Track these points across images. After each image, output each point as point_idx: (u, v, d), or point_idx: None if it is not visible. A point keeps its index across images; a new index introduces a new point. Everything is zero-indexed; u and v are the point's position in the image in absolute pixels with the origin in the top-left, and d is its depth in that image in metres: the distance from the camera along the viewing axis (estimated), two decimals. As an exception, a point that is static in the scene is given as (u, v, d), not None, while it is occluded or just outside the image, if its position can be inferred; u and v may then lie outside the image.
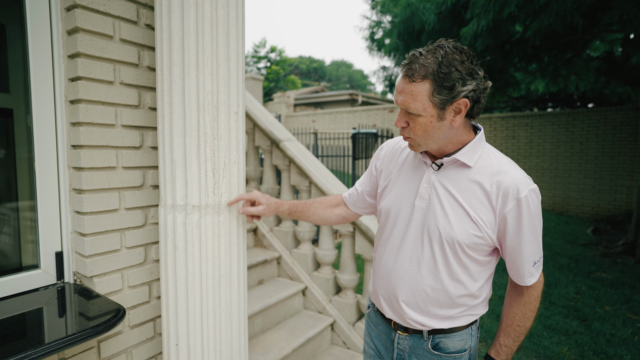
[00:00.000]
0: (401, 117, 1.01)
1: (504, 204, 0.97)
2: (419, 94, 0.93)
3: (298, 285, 2.85)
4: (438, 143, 1.01)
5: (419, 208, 1.07)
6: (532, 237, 1.00)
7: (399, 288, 1.12)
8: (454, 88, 0.91)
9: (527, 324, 1.08)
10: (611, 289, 4.10)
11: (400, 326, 1.16)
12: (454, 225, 1.01)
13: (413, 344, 1.14)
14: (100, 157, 1.26)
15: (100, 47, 1.24)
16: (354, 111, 12.56)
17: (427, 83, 0.92)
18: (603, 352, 2.93)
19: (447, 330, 1.10)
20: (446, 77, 0.90)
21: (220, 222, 1.22)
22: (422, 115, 0.95)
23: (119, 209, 1.32)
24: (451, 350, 1.10)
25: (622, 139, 7.62)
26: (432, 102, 0.93)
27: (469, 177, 1.01)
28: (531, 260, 1.03)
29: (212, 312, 1.23)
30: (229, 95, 1.21)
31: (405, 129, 1.02)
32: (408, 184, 1.12)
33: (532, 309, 1.08)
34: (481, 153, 1.02)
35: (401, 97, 0.97)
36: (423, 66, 0.92)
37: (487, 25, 3.61)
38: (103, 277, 1.29)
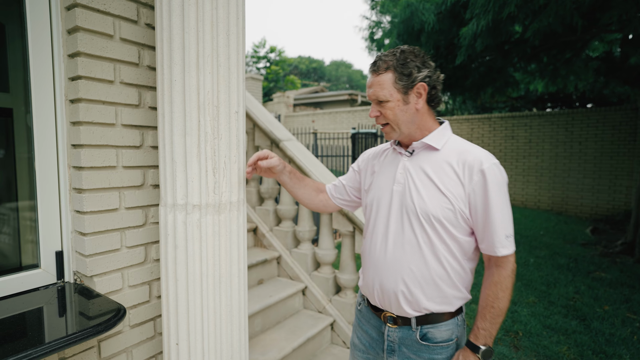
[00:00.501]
0: (374, 108, 1.20)
1: (471, 177, 1.10)
2: (385, 82, 1.14)
3: (298, 284, 2.85)
4: (408, 127, 1.18)
5: (396, 192, 1.21)
6: (500, 206, 1.08)
7: (387, 273, 1.19)
8: (411, 74, 1.12)
9: (500, 304, 1.11)
10: (610, 289, 4.10)
11: (390, 318, 1.23)
12: (427, 200, 1.13)
13: (402, 336, 1.20)
14: (101, 156, 1.26)
15: (101, 47, 1.24)
16: (353, 111, 12.57)
17: (389, 73, 1.14)
18: (602, 351, 2.93)
19: (435, 318, 1.17)
20: (404, 66, 1.12)
21: (220, 221, 1.22)
22: (390, 101, 1.15)
23: (119, 208, 1.32)
24: (438, 340, 1.17)
25: (621, 139, 7.64)
26: (396, 88, 1.14)
27: (438, 158, 1.16)
28: (502, 231, 1.09)
29: (212, 312, 1.23)
30: (229, 95, 1.21)
31: (379, 117, 1.20)
32: (387, 175, 1.27)
33: (504, 289, 1.11)
34: (447, 139, 1.18)
35: (371, 90, 1.17)
36: (385, 62, 1.15)
37: (486, 26, 3.62)
38: (103, 277, 1.29)
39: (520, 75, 7.22)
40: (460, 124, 9.90)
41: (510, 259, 1.12)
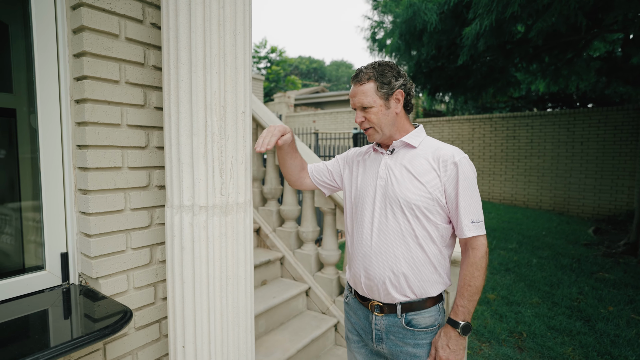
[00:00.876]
0: (358, 114, 1.33)
1: (445, 169, 1.25)
2: (368, 90, 1.29)
3: (302, 285, 2.84)
4: (389, 129, 1.32)
5: (379, 186, 1.33)
6: (468, 193, 1.22)
7: (374, 261, 1.30)
8: (390, 83, 1.28)
9: (476, 283, 1.22)
10: (614, 290, 4.09)
11: (376, 307, 1.33)
12: (407, 189, 1.26)
13: (389, 323, 1.31)
14: (106, 157, 1.25)
15: (106, 46, 1.23)
16: (354, 111, 12.55)
17: (371, 82, 1.29)
18: (607, 352, 2.92)
19: (418, 305, 1.28)
20: (383, 76, 1.28)
21: (227, 222, 1.21)
22: (373, 107, 1.29)
23: (124, 209, 1.31)
24: (422, 326, 1.28)
25: (623, 139, 7.62)
26: (378, 95, 1.29)
27: (416, 154, 1.31)
28: (469, 216, 1.23)
29: (219, 314, 1.22)
30: (236, 95, 1.20)
31: (364, 122, 1.33)
32: (370, 172, 1.39)
33: (479, 268, 1.23)
34: (422, 138, 1.35)
35: (356, 98, 1.31)
36: (366, 73, 1.30)
37: (489, 25, 3.60)
38: (109, 279, 1.28)
39: (522, 75, 7.21)
40: (461, 124, 9.89)
41: (482, 240, 1.24)
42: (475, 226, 1.23)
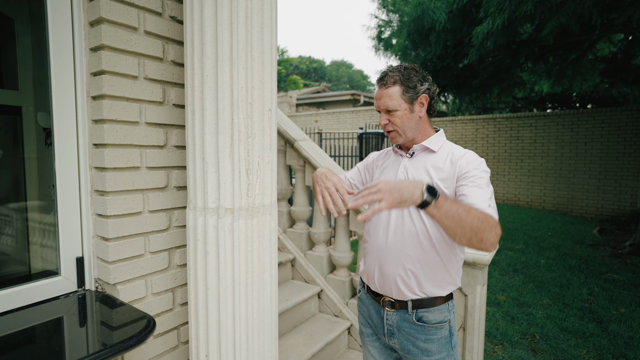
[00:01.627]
0: (383, 117, 1.33)
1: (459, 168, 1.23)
2: (394, 94, 1.29)
3: (314, 288, 2.78)
4: (412, 132, 1.33)
5: None
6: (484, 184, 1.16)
7: (388, 259, 1.31)
8: (416, 87, 1.29)
9: (469, 219, 1.01)
10: (624, 290, 4.05)
11: (388, 303, 1.34)
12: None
13: (400, 318, 1.32)
14: (124, 156, 1.19)
15: (125, 40, 1.17)
16: (357, 111, 12.50)
17: (397, 86, 1.29)
18: (622, 355, 2.87)
19: (429, 303, 1.28)
20: (409, 80, 1.29)
21: (253, 225, 1.15)
22: (398, 110, 1.29)
23: (142, 211, 1.25)
24: (433, 322, 1.29)
25: (627, 140, 7.58)
26: (403, 99, 1.29)
27: (435, 159, 1.31)
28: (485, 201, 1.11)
29: (244, 321, 1.16)
30: (262, 91, 1.14)
31: (388, 125, 1.33)
32: (390, 174, 1.40)
33: (483, 219, 1.03)
34: (442, 143, 1.35)
35: (381, 101, 1.31)
36: (392, 77, 1.30)
37: (502, 24, 3.55)
38: (127, 284, 1.22)
39: (527, 76, 7.17)
40: (465, 124, 9.85)
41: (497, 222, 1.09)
42: (492, 210, 1.11)
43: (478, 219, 1.02)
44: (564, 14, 3.23)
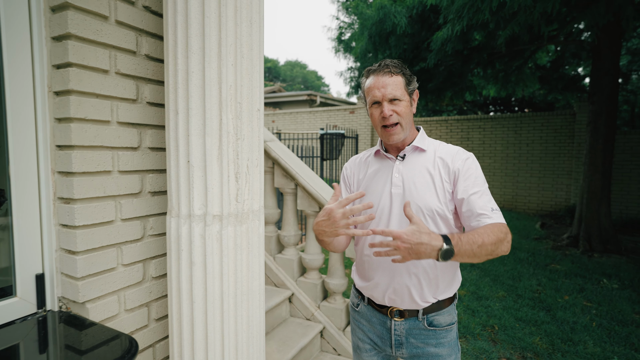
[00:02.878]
0: (387, 107, 1.21)
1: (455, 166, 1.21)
2: (399, 83, 1.22)
3: (284, 292, 2.72)
4: (409, 128, 1.26)
5: (396, 195, 1.24)
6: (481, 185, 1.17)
7: (399, 271, 1.23)
8: (412, 82, 1.26)
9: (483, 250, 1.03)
10: (566, 280, 4.42)
11: (396, 313, 1.26)
12: (427, 196, 1.20)
13: (409, 327, 1.26)
14: (95, 159, 1.07)
15: (94, 29, 1.05)
16: (314, 112, 12.53)
17: (400, 76, 1.23)
18: (569, 339, 3.13)
19: (439, 306, 1.25)
20: (407, 73, 1.25)
21: (242, 233, 1.08)
22: (403, 100, 1.22)
23: (115, 220, 1.13)
24: (443, 325, 1.26)
25: (562, 141, 8.32)
26: (405, 90, 1.23)
27: (428, 157, 1.26)
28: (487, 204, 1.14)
29: (233, 335, 1.09)
30: (251, 90, 1.08)
31: (392, 116, 1.21)
32: (380, 180, 1.30)
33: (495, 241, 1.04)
34: (428, 141, 1.30)
35: (387, 89, 1.21)
36: (394, 66, 1.24)
37: (460, 31, 3.74)
38: (97, 302, 1.10)
39: (477, 80, 7.60)
40: (418, 126, 10.24)
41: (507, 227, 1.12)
42: (497, 214, 1.13)
43: (491, 244, 1.03)
44: (516, 24, 3.49)
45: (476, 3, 3.38)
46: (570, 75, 9.06)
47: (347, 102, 17.09)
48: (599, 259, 5.22)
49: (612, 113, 5.40)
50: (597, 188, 5.58)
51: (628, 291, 4.10)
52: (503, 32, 3.71)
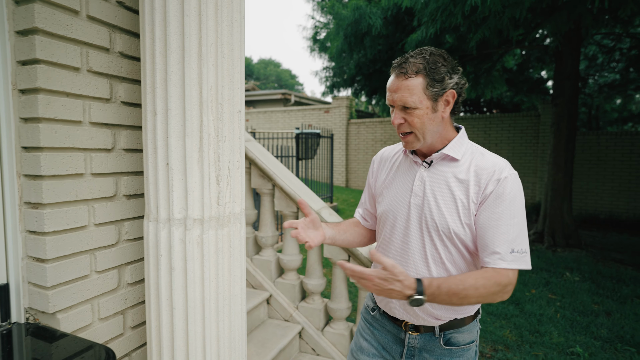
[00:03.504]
0: (398, 115, 1.06)
1: (487, 185, 1.03)
2: (415, 87, 1.02)
3: (262, 293, 2.69)
4: (432, 136, 1.08)
5: (414, 205, 1.11)
6: (510, 217, 1.00)
7: None
8: (443, 80, 1.03)
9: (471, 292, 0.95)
10: (533, 274, 4.63)
11: (411, 327, 1.16)
12: (447, 214, 1.05)
13: (424, 342, 1.15)
14: (66, 161, 1.01)
15: (64, 24, 0.99)
16: (289, 111, 12.47)
17: (420, 77, 1.02)
18: (536, 330, 3.28)
19: (458, 323, 1.13)
20: (435, 71, 1.02)
21: (223, 236, 1.06)
22: (419, 108, 1.03)
23: (88, 225, 1.08)
24: (461, 343, 1.14)
25: (528, 141, 8.72)
26: (426, 94, 1.02)
27: (458, 169, 1.08)
28: (507, 243, 0.98)
29: (215, 341, 1.06)
30: (232, 91, 1.06)
31: (403, 125, 1.07)
32: (402, 185, 1.17)
33: (491, 285, 0.96)
34: (465, 147, 1.11)
35: (398, 94, 1.04)
36: (414, 64, 1.02)
37: (434, 34, 3.84)
38: (69, 312, 1.04)
39: (448, 81, 7.80)
40: (392, 126, 10.42)
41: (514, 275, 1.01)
42: (516, 258, 0.99)
43: (478, 297, 0.96)
44: (486, 28, 3.63)
45: (449, 7, 3.50)
46: (535, 78, 9.50)
47: (321, 102, 17.13)
48: (562, 253, 5.51)
49: (573, 115, 5.71)
50: (559, 186, 5.87)
51: (588, 283, 4.35)
52: (474, 36, 3.85)
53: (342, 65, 6.29)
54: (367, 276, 0.94)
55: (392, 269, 0.93)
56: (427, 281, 0.97)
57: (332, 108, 11.43)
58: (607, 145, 7.84)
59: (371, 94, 7.36)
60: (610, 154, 7.81)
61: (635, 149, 7.60)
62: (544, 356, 2.85)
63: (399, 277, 0.93)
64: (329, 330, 2.59)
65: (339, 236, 1.28)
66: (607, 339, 3.14)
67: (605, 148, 7.85)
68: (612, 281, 4.41)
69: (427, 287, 0.95)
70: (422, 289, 0.95)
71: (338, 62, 6.22)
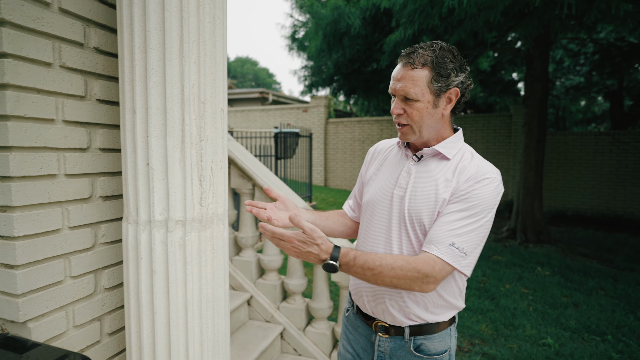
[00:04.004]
0: (398, 104, 1.06)
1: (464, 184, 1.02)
2: (419, 79, 1.01)
3: (243, 295, 2.65)
4: (429, 132, 1.07)
5: (397, 196, 1.11)
6: (469, 216, 0.98)
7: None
8: (449, 77, 1.02)
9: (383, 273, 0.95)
10: (507, 269, 4.80)
11: (381, 328, 1.14)
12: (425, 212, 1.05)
13: (394, 346, 1.12)
14: (37, 162, 0.96)
15: (34, 17, 0.94)
16: (267, 110, 12.37)
17: (426, 70, 1.01)
18: (511, 324, 3.40)
19: (429, 329, 1.09)
20: (442, 66, 1.01)
21: (206, 238, 1.04)
22: (420, 101, 1.02)
23: (62, 228, 1.03)
24: (432, 352, 1.10)
25: (501, 141, 9.01)
26: (429, 88, 1.02)
27: (446, 168, 1.07)
28: (451, 236, 0.97)
29: (198, 345, 1.04)
30: (215, 89, 1.03)
31: (401, 116, 1.06)
32: (389, 176, 1.17)
33: (409, 269, 0.95)
34: (459, 148, 1.10)
35: (401, 84, 1.03)
36: (422, 56, 1.02)
37: (412, 35, 3.91)
38: (42, 320, 0.99)
39: (424, 82, 7.96)
40: (371, 125, 10.52)
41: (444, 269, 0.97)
42: (452, 252, 0.97)
43: (393, 277, 0.96)
44: (462, 30, 3.72)
45: (426, 9, 3.57)
46: (507, 80, 9.85)
47: (300, 101, 17.09)
48: (533, 249, 5.73)
49: (543, 116, 5.94)
50: (531, 184, 6.10)
51: (557, 277, 4.54)
52: (451, 37, 3.95)
53: (321, 64, 6.30)
54: (287, 238, 0.96)
55: (311, 233, 0.95)
56: (344, 250, 0.98)
57: (310, 107, 11.42)
58: (573, 144, 8.21)
59: (350, 94, 7.41)
60: (577, 153, 8.19)
61: (599, 148, 8.00)
62: (518, 348, 2.96)
63: (317, 241, 0.95)
64: (310, 330, 2.59)
65: (319, 222, 1.28)
66: (575, 329, 3.29)
67: (572, 147, 8.22)
68: (579, 274, 4.62)
69: (343, 255, 0.96)
70: (337, 255, 0.96)
71: (317, 62, 6.22)
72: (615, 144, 7.83)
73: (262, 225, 0.98)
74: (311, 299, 2.66)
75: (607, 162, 7.93)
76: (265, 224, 0.97)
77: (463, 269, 0.99)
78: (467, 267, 1.00)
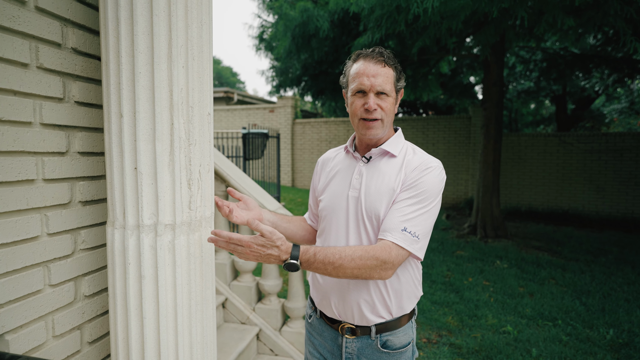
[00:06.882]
0: (373, 100, 1.10)
1: (410, 175, 1.11)
2: (390, 76, 1.11)
3: (218, 297, 2.63)
4: (388, 127, 1.16)
5: (352, 198, 1.17)
6: (417, 202, 1.06)
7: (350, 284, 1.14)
8: (401, 80, 1.15)
9: (345, 263, 0.99)
10: (469, 264, 5.06)
11: (348, 330, 1.17)
12: (380, 205, 1.11)
13: (361, 346, 1.17)
14: (14, 166, 0.92)
15: (10, 15, 0.90)
16: (232, 110, 12.17)
17: (392, 69, 1.12)
18: (474, 315, 3.60)
19: (393, 325, 1.15)
20: (400, 69, 1.14)
21: (195, 241, 1.04)
22: (390, 96, 1.11)
23: (40, 235, 0.99)
24: (398, 347, 1.16)
25: (461, 142, 9.46)
26: (394, 86, 1.12)
27: (394, 164, 1.15)
28: (402, 222, 1.03)
29: (188, 348, 1.04)
30: (202, 94, 1.04)
31: (376, 111, 1.11)
32: (342, 180, 1.22)
33: (367, 258, 1.00)
34: (402, 146, 1.19)
35: (377, 79, 1.09)
36: (389, 57, 1.12)
37: (380, 39, 4.02)
38: (20, 331, 0.95)
39: (390, 84, 8.19)
40: (337, 126, 10.66)
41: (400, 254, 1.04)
42: (405, 236, 1.03)
43: (355, 268, 0.99)
44: (427, 36, 3.90)
45: (393, 14, 3.70)
46: (465, 84, 10.34)
47: (266, 101, 16.96)
48: (492, 243, 6.08)
49: (500, 118, 6.32)
50: (489, 182, 6.47)
51: (514, 269, 4.86)
52: (416, 43, 4.12)
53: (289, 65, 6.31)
54: (245, 243, 0.94)
55: (270, 236, 0.95)
56: (304, 248, 1.00)
57: (277, 107, 11.38)
58: (525, 145, 8.78)
59: (317, 95, 7.47)
60: (529, 153, 8.77)
61: (547, 148, 8.61)
62: (482, 337, 3.14)
63: (276, 243, 0.96)
64: (286, 330, 2.61)
65: (281, 223, 1.32)
66: (531, 316, 3.55)
67: (525, 148, 8.78)
68: (533, 266, 4.97)
69: (303, 253, 0.99)
70: (297, 254, 0.98)
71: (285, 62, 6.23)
72: (561, 145, 8.46)
73: (215, 232, 0.95)
74: (287, 299, 2.69)
75: (554, 162, 8.55)
76: (220, 231, 0.95)
77: (416, 252, 1.06)
78: (419, 251, 1.07)
